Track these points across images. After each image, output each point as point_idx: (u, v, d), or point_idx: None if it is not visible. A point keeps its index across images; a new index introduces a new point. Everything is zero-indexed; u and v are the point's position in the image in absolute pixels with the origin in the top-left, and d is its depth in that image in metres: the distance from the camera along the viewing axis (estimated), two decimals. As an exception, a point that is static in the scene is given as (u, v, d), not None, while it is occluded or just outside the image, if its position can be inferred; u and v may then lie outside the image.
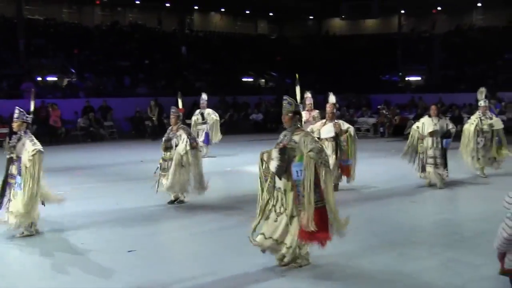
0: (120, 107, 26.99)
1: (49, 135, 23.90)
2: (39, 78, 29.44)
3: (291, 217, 6.59)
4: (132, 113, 27.15)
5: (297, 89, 7.41)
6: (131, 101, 27.83)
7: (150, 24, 38.50)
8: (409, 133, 22.65)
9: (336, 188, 11.73)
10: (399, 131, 24.82)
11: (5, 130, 20.65)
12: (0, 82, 27.16)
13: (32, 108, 9.02)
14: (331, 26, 44.25)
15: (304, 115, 12.98)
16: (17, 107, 8.93)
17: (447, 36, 37.56)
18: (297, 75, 8.08)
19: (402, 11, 37.84)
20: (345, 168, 11.62)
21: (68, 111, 24.97)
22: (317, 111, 13.65)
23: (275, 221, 6.69)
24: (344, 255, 7.41)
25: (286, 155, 6.56)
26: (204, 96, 16.57)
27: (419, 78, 36.50)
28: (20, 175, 8.38)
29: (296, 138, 6.64)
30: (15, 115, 8.76)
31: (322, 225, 6.46)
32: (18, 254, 7.86)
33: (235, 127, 28.08)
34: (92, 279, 6.70)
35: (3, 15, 32.01)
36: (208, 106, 17.40)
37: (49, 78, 30.04)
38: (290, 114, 6.78)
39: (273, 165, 6.59)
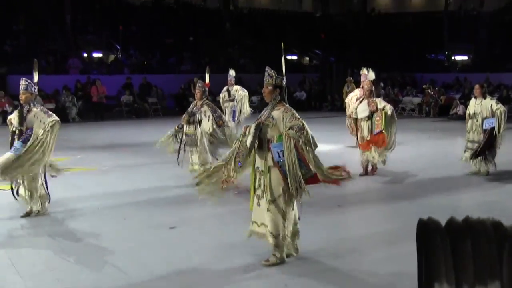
0: (164, 84, 27.24)
1: (94, 111, 24.28)
2: (85, 54, 29.86)
3: (272, 201, 5.99)
4: (176, 90, 27.34)
5: (283, 60, 6.73)
6: (176, 78, 28.04)
7: (194, 1, 38.47)
8: (455, 113, 22.77)
9: (368, 171, 11.37)
10: (445, 111, 24.58)
11: (51, 106, 20.80)
12: (46, 57, 27.51)
13: (36, 79, 8.44)
14: (376, 4, 43.57)
15: (358, 92, 12.74)
16: (23, 78, 8.41)
17: (496, 14, 36.61)
18: (282, 44, 7.36)
19: (449, -12, 37.07)
20: (375, 137, 10.88)
21: (113, 87, 25.26)
22: None
23: (258, 205, 6.16)
24: (383, 234, 7.45)
25: (258, 131, 6.02)
26: (231, 73, 15.62)
27: (465, 58, 35.83)
28: (23, 142, 8.01)
29: (275, 114, 6.09)
30: (22, 87, 8.26)
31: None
32: (62, 228, 7.99)
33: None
34: (133, 252, 6.78)
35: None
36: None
37: (95, 54, 30.45)
38: (270, 88, 6.27)
39: (248, 140, 6.03)
